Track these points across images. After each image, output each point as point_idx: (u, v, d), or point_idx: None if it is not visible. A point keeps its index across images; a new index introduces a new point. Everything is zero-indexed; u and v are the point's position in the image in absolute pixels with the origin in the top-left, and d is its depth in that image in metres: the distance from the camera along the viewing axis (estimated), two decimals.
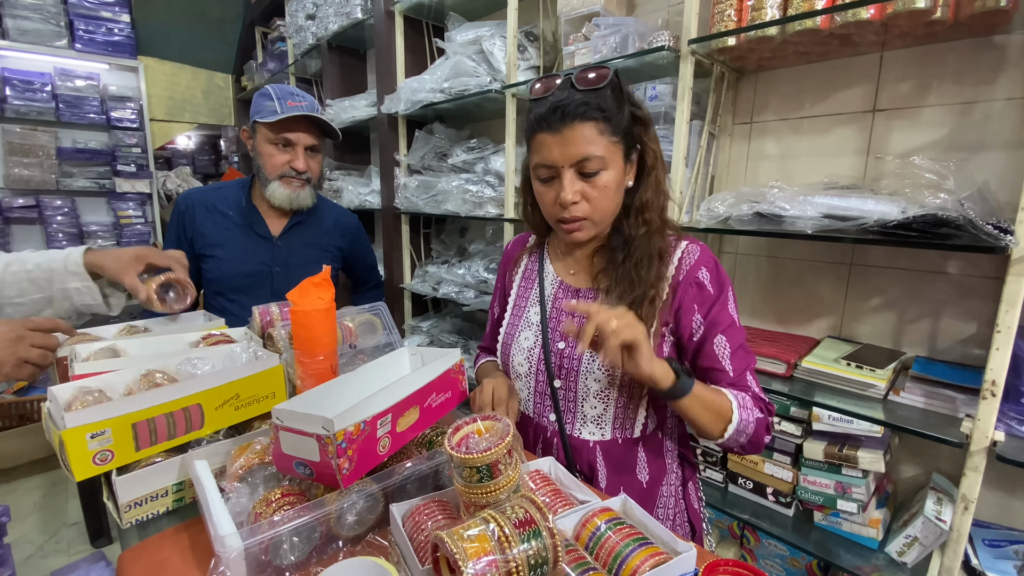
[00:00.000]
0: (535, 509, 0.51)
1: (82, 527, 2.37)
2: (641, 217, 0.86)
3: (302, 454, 0.65)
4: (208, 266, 1.36)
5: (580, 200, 0.82)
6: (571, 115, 0.78)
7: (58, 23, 3.20)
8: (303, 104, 1.29)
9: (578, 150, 0.79)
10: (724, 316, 0.84)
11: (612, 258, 0.88)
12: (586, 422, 0.89)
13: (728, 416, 0.79)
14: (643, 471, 0.90)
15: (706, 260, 0.86)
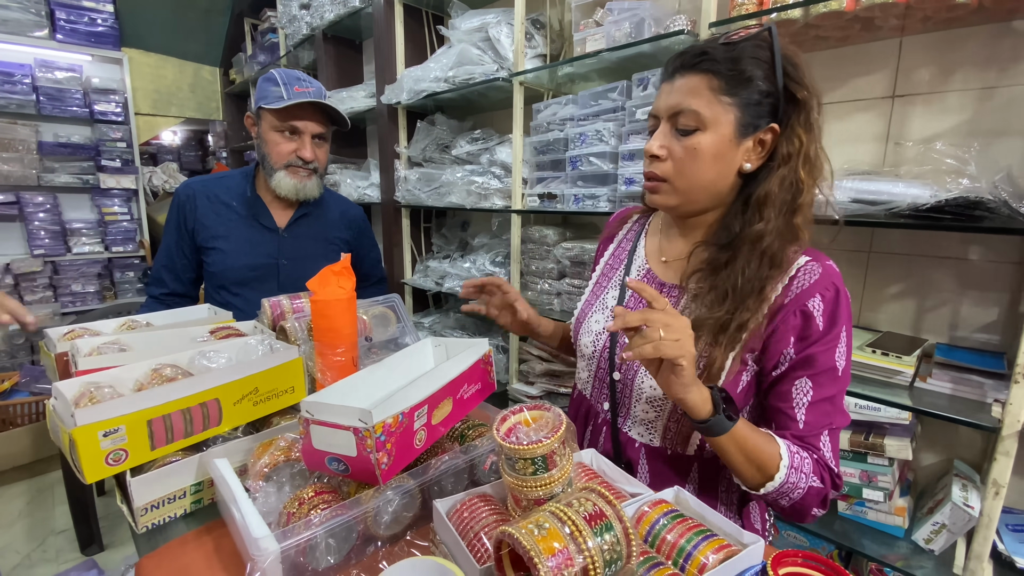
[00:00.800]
0: (604, 502, 0.48)
1: (71, 534, 2.28)
2: (759, 212, 0.70)
3: (336, 449, 0.61)
4: (211, 259, 1.30)
5: (666, 157, 0.73)
6: (686, 65, 0.71)
7: (38, 12, 3.08)
8: (310, 90, 1.24)
9: (676, 100, 0.71)
10: (823, 359, 0.69)
11: (713, 258, 0.75)
12: (636, 423, 0.82)
13: (771, 473, 0.66)
14: (692, 486, 0.81)
15: (824, 286, 0.69)
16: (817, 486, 0.68)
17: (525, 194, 1.77)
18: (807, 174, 0.70)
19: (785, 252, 0.70)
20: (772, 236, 0.69)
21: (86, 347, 0.83)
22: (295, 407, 0.87)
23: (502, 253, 2.02)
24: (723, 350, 0.70)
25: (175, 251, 1.31)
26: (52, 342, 0.90)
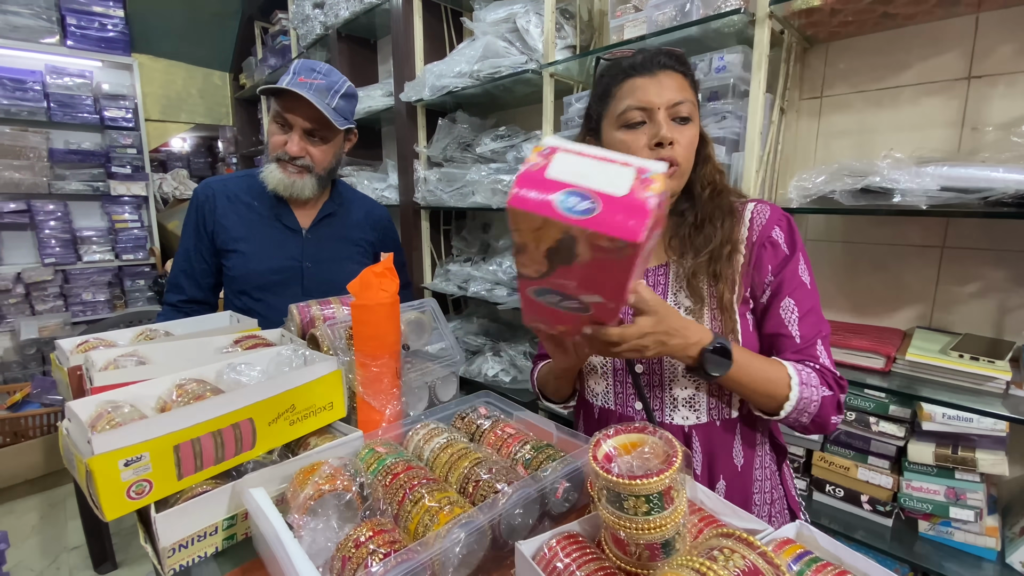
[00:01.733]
0: (755, 555, 0.38)
1: (84, 551, 2.20)
2: (705, 179, 0.85)
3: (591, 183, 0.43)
4: (231, 262, 1.21)
5: (676, 144, 0.79)
6: (666, 64, 0.80)
7: (49, 19, 3.04)
8: (315, 82, 1.14)
9: (674, 95, 0.79)
10: (794, 277, 0.80)
11: (682, 221, 0.86)
12: (677, 406, 0.84)
13: (784, 393, 0.74)
14: (738, 455, 0.85)
15: (778, 218, 0.83)
16: (828, 394, 0.76)
17: None
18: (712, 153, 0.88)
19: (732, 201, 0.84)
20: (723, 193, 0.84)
21: (101, 360, 0.74)
22: (332, 426, 0.78)
23: None
24: (726, 284, 0.80)
25: (193, 255, 1.22)
26: (64, 354, 0.81)
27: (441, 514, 0.55)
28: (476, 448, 0.70)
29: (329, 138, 1.23)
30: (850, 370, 1.14)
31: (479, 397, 0.87)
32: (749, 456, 0.85)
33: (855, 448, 1.17)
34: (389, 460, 0.65)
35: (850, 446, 1.18)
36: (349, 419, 0.81)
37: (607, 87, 0.83)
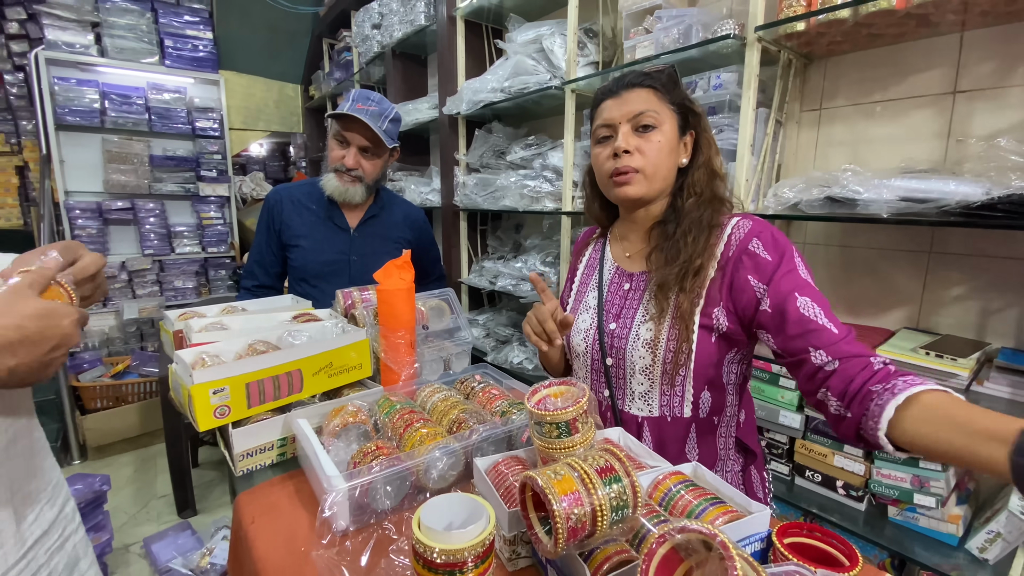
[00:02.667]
0: (615, 459, 0.55)
1: (170, 499, 2.59)
2: (692, 190, 0.90)
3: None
4: (293, 255, 1.49)
5: (634, 152, 0.88)
6: (631, 83, 0.90)
7: (150, 41, 3.52)
8: (369, 109, 1.38)
9: (635, 107, 0.88)
10: (797, 279, 0.78)
11: (664, 232, 0.91)
12: (634, 398, 0.92)
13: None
14: (692, 451, 0.90)
15: (758, 231, 0.84)
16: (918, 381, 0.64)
17: (575, 196, 1.84)
18: (719, 164, 0.92)
19: (717, 214, 0.88)
20: (704, 205, 0.88)
21: (197, 325, 1.00)
22: (362, 381, 1.00)
23: (552, 253, 2.10)
24: (688, 296, 0.84)
25: (265, 248, 1.51)
26: (170, 322, 1.08)
27: (427, 440, 0.75)
28: (466, 402, 0.90)
29: (379, 154, 1.48)
30: None
31: (478, 369, 1.07)
32: (705, 453, 0.90)
33: (832, 437, 1.27)
34: (398, 406, 0.86)
35: (827, 435, 1.27)
36: (376, 378, 1.03)
37: (591, 113, 0.97)
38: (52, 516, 0.75)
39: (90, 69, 3.38)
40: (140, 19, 3.44)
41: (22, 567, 0.67)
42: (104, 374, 3.20)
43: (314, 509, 0.74)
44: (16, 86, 4.48)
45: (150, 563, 2.16)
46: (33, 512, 0.71)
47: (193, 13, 3.59)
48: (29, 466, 0.71)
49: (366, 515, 0.69)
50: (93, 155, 3.43)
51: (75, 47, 3.31)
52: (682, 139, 0.91)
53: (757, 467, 0.97)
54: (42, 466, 0.74)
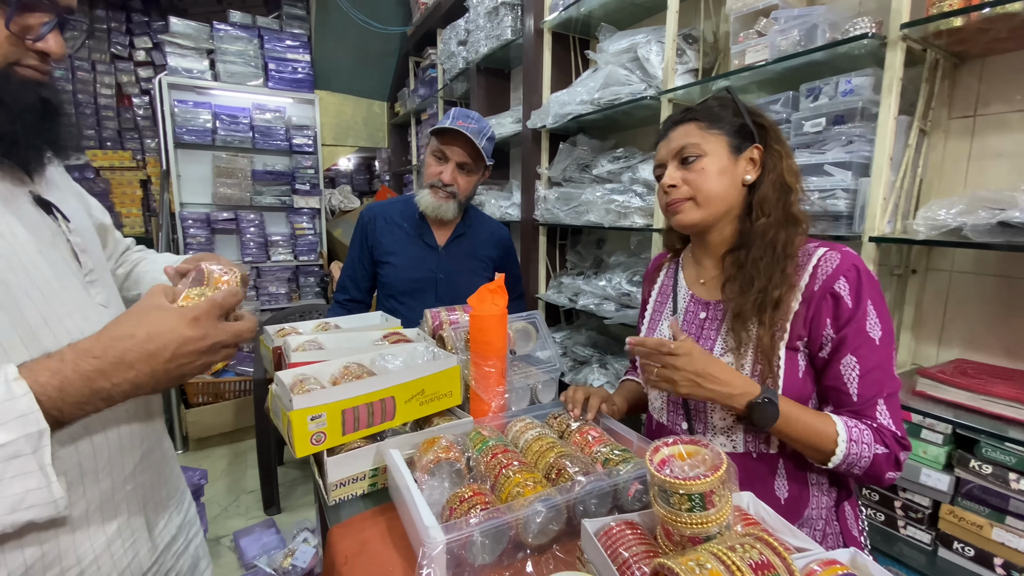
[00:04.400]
0: (772, 552, 0.45)
1: (258, 495, 2.73)
2: (760, 209, 0.88)
3: None
4: (384, 271, 1.50)
5: (680, 184, 0.90)
6: (676, 121, 0.94)
7: (256, 65, 3.81)
8: (469, 126, 1.38)
9: (676, 144, 0.91)
10: (859, 334, 0.79)
11: (736, 259, 0.90)
12: (716, 433, 0.90)
13: (831, 448, 0.77)
14: (781, 488, 0.87)
15: (846, 268, 0.81)
16: (882, 452, 0.77)
17: None
18: (790, 177, 0.88)
19: (792, 238, 0.85)
20: (776, 227, 0.85)
21: (294, 343, 1.01)
22: (451, 409, 0.96)
23: (639, 272, 1.98)
24: (769, 330, 0.82)
25: (357, 264, 1.54)
26: (270, 337, 1.11)
27: (527, 489, 0.69)
28: (563, 444, 0.82)
29: (475, 171, 1.49)
30: (987, 418, 1.04)
31: None
32: (795, 491, 0.87)
33: (991, 505, 1.06)
34: (491, 442, 0.80)
35: (985, 502, 1.06)
36: (464, 406, 0.99)
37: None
38: (179, 521, 0.79)
39: (204, 92, 3.71)
40: (248, 45, 3.73)
41: (155, 571, 0.72)
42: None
43: (406, 550, 0.70)
44: (142, 108, 5.06)
45: (238, 557, 2.27)
46: (163, 519, 0.75)
47: (294, 38, 3.84)
48: (160, 475, 0.75)
49: (463, 568, 0.63)
50: (204, 170, 3.75)
51: (193, 72, 3.65)
52: (742, 155, 0.90)
53: (851, 503, 0.92)
54: (171, 475, 0.79)
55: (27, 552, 0.58)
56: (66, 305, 0.63)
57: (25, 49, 0.61)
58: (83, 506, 0.63)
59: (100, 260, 0.76)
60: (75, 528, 0.62)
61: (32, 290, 0.60)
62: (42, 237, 0.64)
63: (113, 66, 4.93)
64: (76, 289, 0.66)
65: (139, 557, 0.70)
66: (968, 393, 1.07)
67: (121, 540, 0.67)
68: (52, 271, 0.63)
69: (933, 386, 1.12)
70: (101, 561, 0.65)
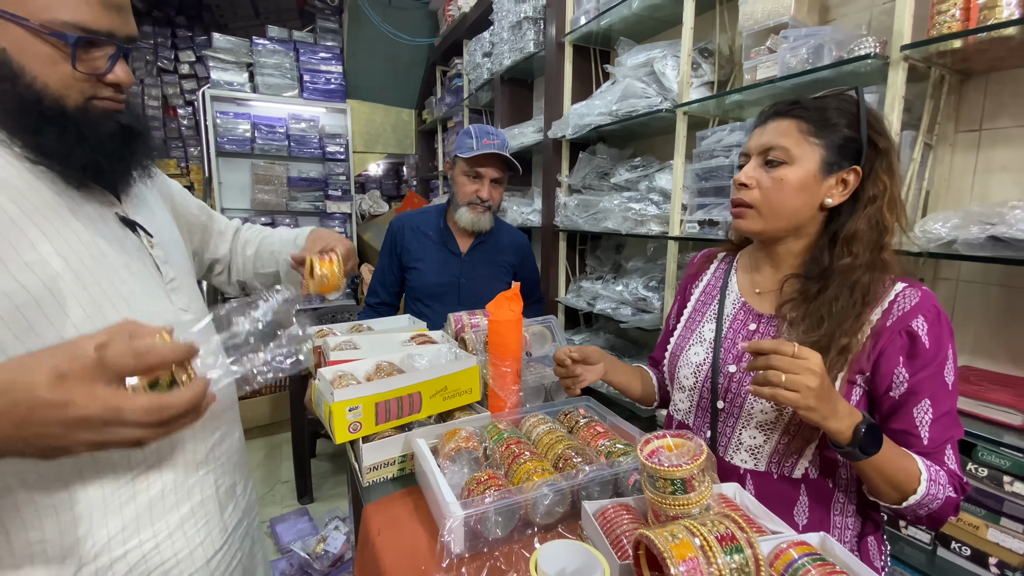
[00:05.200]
0: (736, 526, 0.53)
1: (292, 485, 2.89)
2: (847, 248, 0.80)
3: None
4: (411, 276, 1.62)
5: (754, 186, 0.84)
6: (779, 112, 0.85)
7: (292, 77, 4.00)
8: (495, 143, 1.49)
9: (768, 139, 0.83)
10: (938, 381, 0.76)
11: (804, 288, 0.83)
12: (740, 449, 0.87)
13: (913, 487, 0.73)
14: (802, 514, 0.84)
15: (925, 308, 0.76)
16: (953, 496, 0.75)
17: (684, 220, 1.79)
18: (891, 214, 0.80)
19: (876, 284, 0.78)
20: (862, 270, 0.78)
21: (332, 343, 1.13)
22: (471, 405, 1.06)
23: (656, 278, 2.05)
24: (834, 371, 0.76)
25: (387, 270, 1.66)
26: (311, 337, 1.23)
27: (536, 475, 0.78)
28: (571, 437, 0.91)
29: (503, 182, 1.62)
30: (983, 423, 1.08)
31: (582, 401, 1.08)
32: (816, 519, 0.84)
33: (986, 507, 1.10)
34: (506, 434, 0.90)
35: (981, 504, 1.10)
36: (483, 402, 1.09)
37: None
38: (244, 505, 0.86)
39: (244, 103, 3.93)
40: (285, 58, 3.93)
41: (224, 551, 0.78)
42: None
43: (431, 527, 0.80)
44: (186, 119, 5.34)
45: (275, 542, 2.43)
46: (232, 502, 0.81)
47: (327, 51, 4.02)
48: (231, 461, 0.82)
49: (478, 542, 0.73)
50: (243, 177, 3.97)
51: (233, 85, 3.86)
52: (834, 175, 0.81)
53: (877, 537, 0.89)
54: (241, 461, 0.86)
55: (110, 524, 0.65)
56: (151, 312, 0.69)
57: (97, 83, 0.65)
58: (159, 487, 0.69)
59: (183, 268, 0.83)
60: (152, 506, 0.68)
61: (119, 302, 0.66)
62: (129, 252, 0.71)
63: (159, 79, 5.23)
64: (160, 298, 0.73)
65: (211, 536, 0.75)
66: (967, 399, 1.11)
67: (194, 519, 0.73)
68: (138, 284, 0.70)
69: None
70: (175, 537, 0.70)
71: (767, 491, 0.84)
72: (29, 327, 0.59)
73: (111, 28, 0.64)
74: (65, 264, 0.62)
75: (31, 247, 0.60)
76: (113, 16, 0.64)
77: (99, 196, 0.71)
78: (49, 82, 0.62)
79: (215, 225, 1.08)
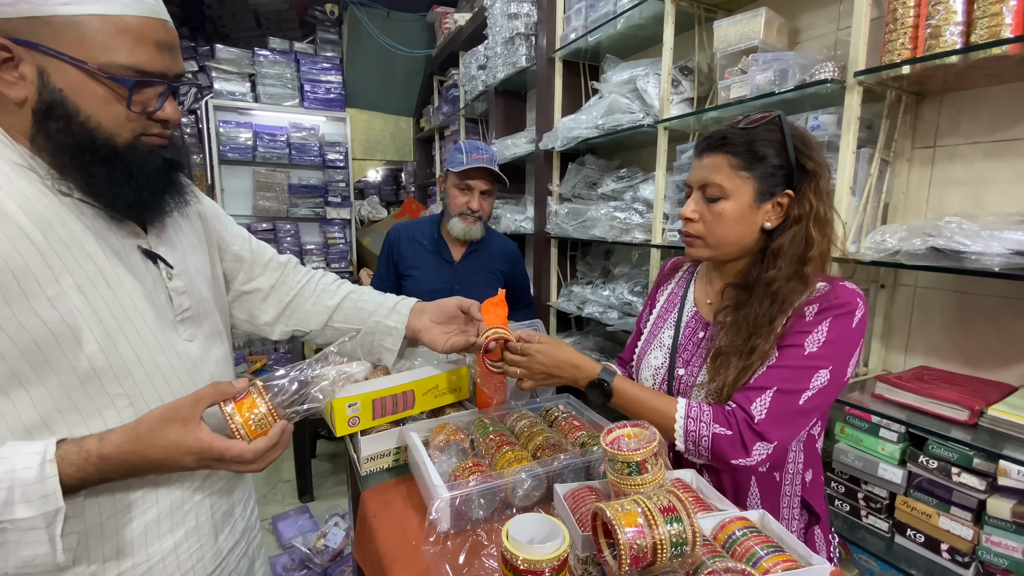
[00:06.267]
0: (677, 500, 0.63)
1: (293, 484, 2.98)
2: (772, 262, 0.87)
3: None
4: (407, 283, 1.72)
5: (697, 220, 0.91)
6: (711, 146, 0.91)
7: (293, 87, 4.11)
8: (484, 157, 1.58)
9: (704, 175, 0.90)
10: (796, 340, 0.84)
11: (736, 297, 0.92)
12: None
13: (670, 425, 0.86)
14: (754, 505, 0.92)
15: (824, 297, 0.85)
16: (722, 433, 0.83)
17: (665, 229, 1.89)
18: (818, 231, 0.86)
19: (795, 294, 0.86)
20: (781, 281, 0.86)
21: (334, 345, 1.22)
22: (460, 402, 1.16)
23: (641, 283, 2.14)
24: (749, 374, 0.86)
25: (384, 277, 1.76)
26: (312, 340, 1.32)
27: (515, 463, 0.87)
28: (549, 430, 1.01)
29: (493, 194, 1.72)
30: (932, 419, 1.17)
31: (562, 398, 1.17)
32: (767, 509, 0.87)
33: (937, 496, 1.19)
34: (491, 428, 0.99)
35: (933, 494, 1.20)
36: (472, 400, 1.18)
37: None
38: (243, 527, 0.86)
39: (246, 113, 4.03)
40: (286, 69, 4.04)
41: (217, 573, 0.79)
42: (246, 370, 3.76)
43: (422, 510, 0.89)
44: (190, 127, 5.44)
45: (276, 538, 2.51)
46: (229, 526, 0.81)
47: (327, 61, 4.13)
48: (229, 486, 0.82)
49: (463, 521, 0.82)
50: (245, 184, 4.07)
51: (236, 95, 3.97)
52: (770, 201, 0.87)
53: (822, 528, 0.97)
54: (240, 484, 0.86)
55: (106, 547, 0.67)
56: (160, 343, 0.71)
57: (147, 120, 0.67)
58: (155, 513, 0.71)
59: (200, 299, 0.80)
60: (147, 530, 0.70)
61: (131, 332, 0.68)
62: (146, 284, 0.71)
63: None
64: (168, 329, 0.73)
65: (204, 561, 0.76)
66: (917, 396, 1.21)
67: (188, 544, 0.74)
68: (154, 314, 0.70)
69: (889, 390, 1.26)
70: (167, 562, 0.72)
71: (722, 483, 0.94)
72: (45, 360, 0.61)
73: (164, 68, 0.66)
74: (84, 299, 0.64)
75: (53, 280, 0.61)
76: (166, 56, 0.66)
77: (127, 227, 0.71)
78: (103, 121, 0.63)
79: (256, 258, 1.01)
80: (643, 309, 1.21)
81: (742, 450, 0.82)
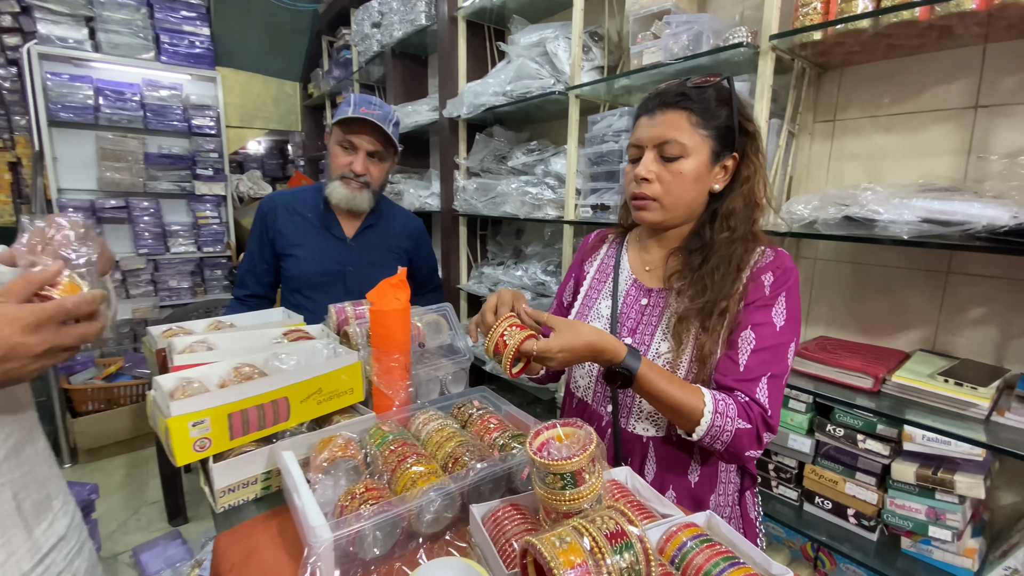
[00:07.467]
0: (626, 521, 0.50)
1: (161, 506, 2.54)
2: (726, 223, 0.86)
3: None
4: (287, 264, 1.43)
5: (654, 180, 0.86)
6: (667, 103, 0.86)
7: (146, 37, 3.45)
8: (375, 112, 1.34)
9: (662, 132, 0.85)
10: (764, 316, 0.83)
11: (688, 261, 0.89)
12: (641, 417, 0.91)
13: (697, 418, 0.78)
14: (694, 473, 0.90)
15: (777, 265, 0.86)
16: (744, 427, 0.79)
17: (578, 205, 1.79)
18: (761, 192, 0.88)
19: (749, 254, 0.86)
20: (738, 242, 0.85)
21: (180, 345, 0.95)
22: (353, 406, 0.95)
23: (554, 262, 2.05)
24: (710, 337, 0.83)
25: (257, 257, 1.46)
26: (153, 339, 1.03)
27: (422, 480, 0.70)
28: (463, 433, 0.84)
29: (385, 158, 1.46)
30: (839, 388, 1.19)
31: (477, 392, 1.01)
32: (705, 478, 0.90)
33: (843, 463, 1.22)
34: (390, 437, 0.81)
35: (839, 461, 1.23)
36: (368, 402, 0.98)
37: (632, 123, 0.93)
38: (67, 522, 0.75)
39: (84, 64, 3.32)
40: (135, 14, 3.37)
41: (40, 572, 0.68)
42: (96, 376, 3.14)
43: (298, 553, 0.69)
44: (9, 80, 4.41)
45: (139, 574, 2.11)
46: (47, 519, 0.71)
47: (190, 9, 3.52)
48: (37, 474, 0.71)
49: (354, 565, 0.64)
50: (87, 152, 3.37)
51: (68, 42, 3.25)
52: (719, 163, 0.86)
53: (751, 491, 0.98)
54: (50, 474, 0.75)
55: None
56: None
57: None
58: None
59: None
60: None
61: None
62: None
63: None
64: None
65: (16, 557, 0.66)
66: (824, 366, 1.22)
67: None
68: None
69: (797, 361, 1.26)
70: None
71: (666, 456, 0.90)
72: None
73: None
74: None
75: None
76: None
77: None
78: None
79: None
80: (565, 282, 1.14)
81: (756, 443, 0.80)
